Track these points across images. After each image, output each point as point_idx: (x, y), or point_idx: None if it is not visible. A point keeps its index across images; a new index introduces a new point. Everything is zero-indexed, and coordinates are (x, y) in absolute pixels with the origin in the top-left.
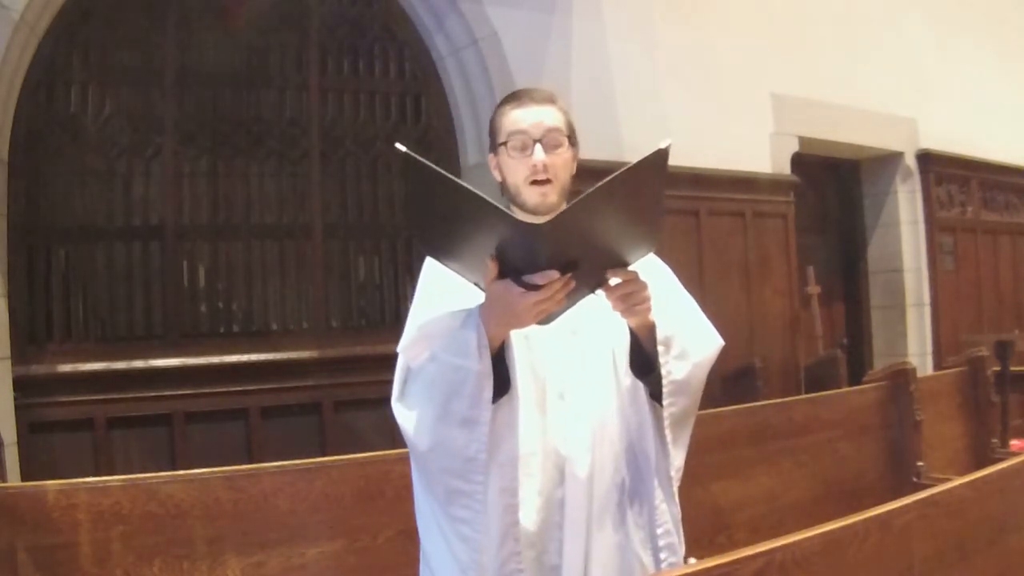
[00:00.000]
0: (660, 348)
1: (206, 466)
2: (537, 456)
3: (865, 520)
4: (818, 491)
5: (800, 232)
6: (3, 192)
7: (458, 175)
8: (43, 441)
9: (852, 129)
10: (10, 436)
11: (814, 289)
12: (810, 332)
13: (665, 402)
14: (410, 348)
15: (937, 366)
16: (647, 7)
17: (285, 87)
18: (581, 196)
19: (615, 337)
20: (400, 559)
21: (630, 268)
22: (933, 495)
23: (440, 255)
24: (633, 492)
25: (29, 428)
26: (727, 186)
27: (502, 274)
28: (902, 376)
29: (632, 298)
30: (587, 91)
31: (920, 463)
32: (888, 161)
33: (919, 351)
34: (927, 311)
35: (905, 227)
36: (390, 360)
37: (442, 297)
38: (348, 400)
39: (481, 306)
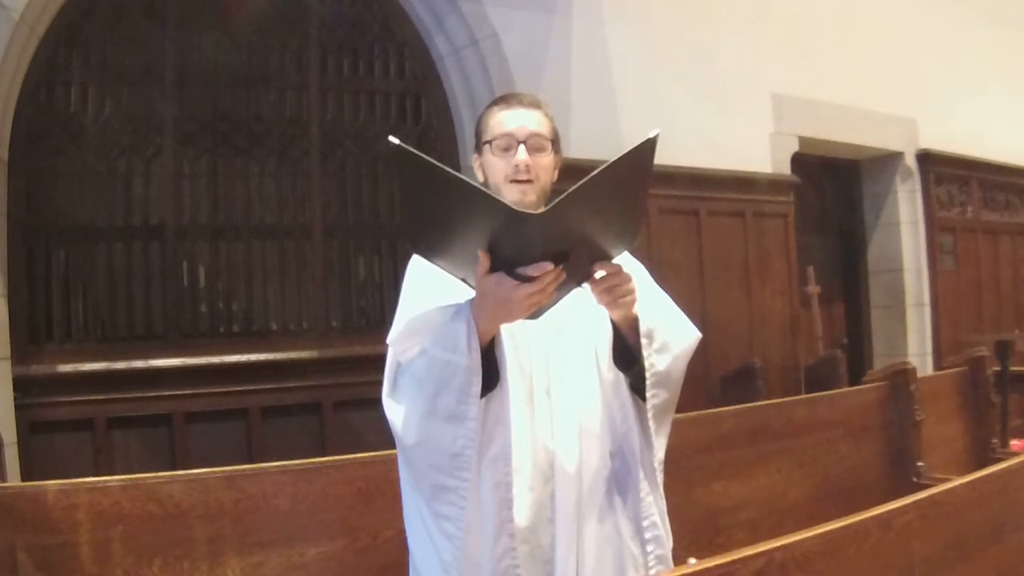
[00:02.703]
0: (644, 341)
1: (206, 466)
2: (526, 451)
3: (865, 520)
4: (818, 491)
5: (800, 232)
6: (3, 192)
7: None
8: (43, 441)
9: (852, 129)
10: (10, 436)
11: (814, 289)
12: (810, 332)
13: (648, 394)
14: (399, 342)
15: (937, 366)
16: (647, 7)
17: (285, 87)
18: (576, 186)
19: (597, 334)
20: (400, 559)
21: (613, 263)
22: (933, 495)
23: (431, 253)
24: (620, 485)
25: (29, 428)
26: (727, 186)
27: (493, 268)
28: (902, 376)
29: (617, 291)
30: (587, 91)
31: (920, 463)
32: (888, 161)
33: (919, 351)
34: (927, 311)
35: (905, 227)
36: None
37: (431, 291)
38: (348, 400)
39: (472, 301)
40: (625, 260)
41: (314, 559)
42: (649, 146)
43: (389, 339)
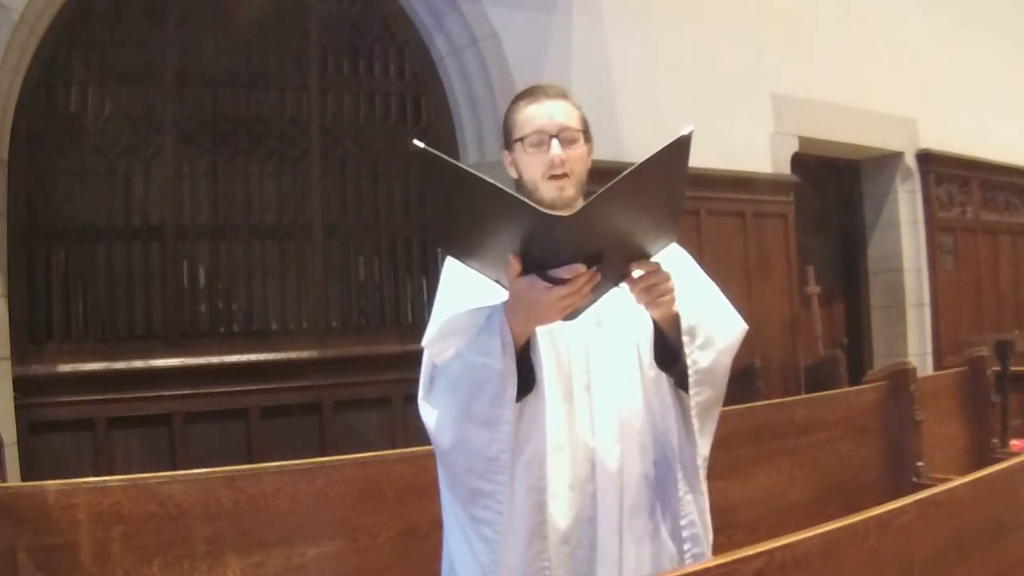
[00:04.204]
0: (685, 338)
1: (206, 466)
2: (566, 450)
3: (865, 520)
4: (818, 491)
5: (800, 232)
6: (3, 192)
7: None
8: (43, 441)
9: (852, 129)
10: (10, 436)
11: (814, 289)
12: (810, 332)
13: (692, 391)
14: (434, 344)
15: (937, 366)
16: (647, 7)
17: (285, 87)
18: (606, 187)
19: (639, 328)
20: (400, 559)
21: (652, 259)
22: (933, 495)
23: (462, 255)
24: (660, 483)
25: (29, 428)
26: (727, 186)
27: (525, 270)
28: (902, 376)
29: (655, 290)
30: (587, 91)
31: (920, 463)
32: (888, 161)
33: (919, 351)
34: (927, 311)
35: (905, 227)
36: (390, 360)
37: (467, 293)
38: (348, 400)
39: (505, 303)
40: (673, 251)
41: (314, 559)
42: (683, 143)
43: (424, 341)
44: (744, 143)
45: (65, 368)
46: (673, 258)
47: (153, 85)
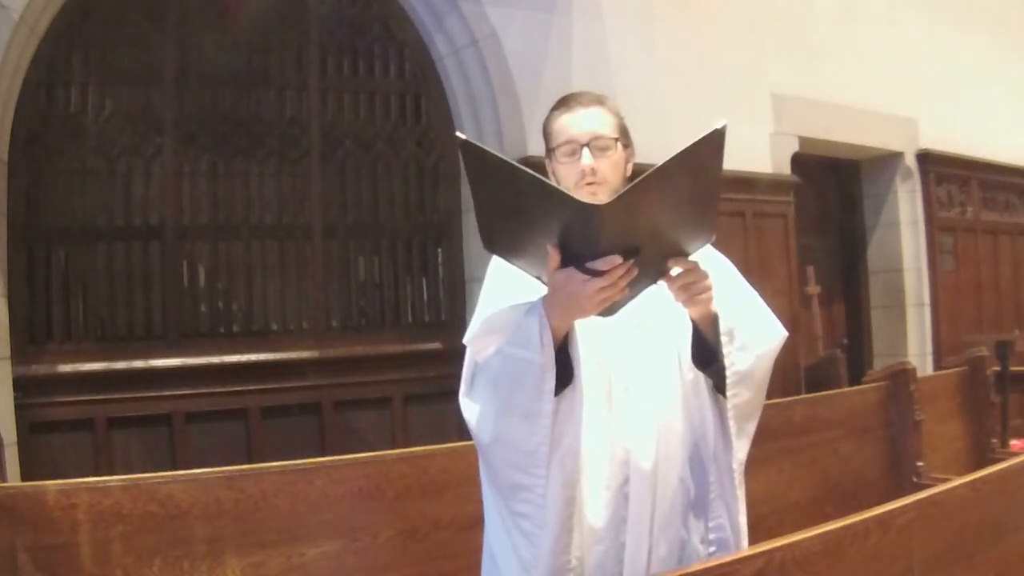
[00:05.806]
0: (723, 339)
1: (206, 466)
2: (604, 450)
3: (865, 520)
4: (818, 491)
5: (800, 232)
6: (3, 192)
7: (458, 175)
8: (43, 441)
9: (852, 129)
10: (10, 436)
11: (814, 289)
12: (810, 332)
13: (728, 393)
14: (476, 341)
15: (937, 366)
16: (647, 7)
17: (285, 87)
18: (640, 177)
19: (679, 332)
20: (400, 559)
21: (690, 259)
22: (933, 495)
23: (505, 251)
24: (694, 486)
25: (29, 428)
26: (727, 186)
27: (564, 263)
28: (902, 376)
29: (693, 287)
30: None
31: (920, 463)
32: (888, 161)
33: (919, 351)
34: (927, 311)
35: (905, 227)
36: (390, 360)
37: (508, 289)
38: (348, 400)
39: (544, 297)
40: (709, 254)
41: (314, 559)
42: (715, 138)
43: (466, 339)
44: (744, 143)
45: (65, 368)
46: (711, 259)
47: (153, 85)
